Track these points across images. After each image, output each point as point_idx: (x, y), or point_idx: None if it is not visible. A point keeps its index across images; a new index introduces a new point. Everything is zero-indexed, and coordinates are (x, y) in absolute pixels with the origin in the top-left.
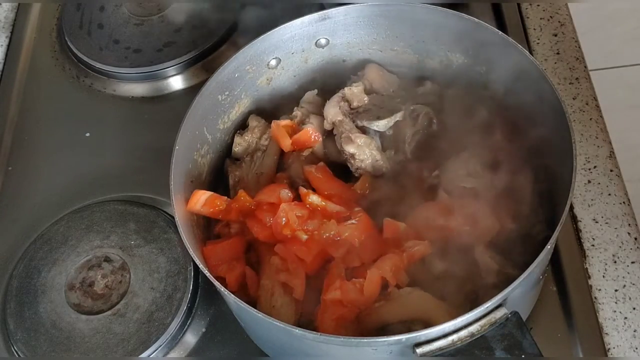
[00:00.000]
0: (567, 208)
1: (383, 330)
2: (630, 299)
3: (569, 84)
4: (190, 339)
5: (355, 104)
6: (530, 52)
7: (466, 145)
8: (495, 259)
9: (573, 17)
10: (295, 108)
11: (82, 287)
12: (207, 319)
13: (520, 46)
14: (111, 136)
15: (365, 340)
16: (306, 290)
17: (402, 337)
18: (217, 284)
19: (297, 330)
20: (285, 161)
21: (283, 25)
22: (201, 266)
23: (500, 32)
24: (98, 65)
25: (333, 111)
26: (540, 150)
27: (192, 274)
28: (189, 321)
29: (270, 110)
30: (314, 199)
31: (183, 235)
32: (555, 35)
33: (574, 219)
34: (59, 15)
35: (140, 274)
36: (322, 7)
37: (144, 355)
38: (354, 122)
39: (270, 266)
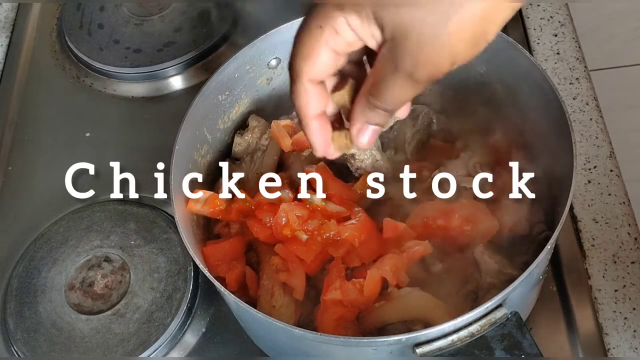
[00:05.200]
0: (567, 208)
1: (383, 330)
2: (630, 299)
3: (569, 84)
4: (190, 339)
5: None
6: (530, 52)
7: (466, 145)
8: (495, 259)
9: (573, 17)
10: None
11: (82, 287)
12: (207, 319)
13: (520, 46)
14: (111, 136)
15: (365, 340)
16: (306, 290)
17: (402, 337)
18: (217, 284)
19: (297, 330)
20: (285, 161)
21: (283, 25)
22: (201, 266)
23: (500, 32)
24: (98, 65)
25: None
26: (540, 150)
27: (192, 274)
28: (189, 321)
29: (270, 110)
30: (314, 199)
31: (183, 235)
32: (555, 35)
33: (574, 219)
34: (59, 15)
35: (140, 274)
36: None
37: (144, 355)
38: None
39: (270, 266)
